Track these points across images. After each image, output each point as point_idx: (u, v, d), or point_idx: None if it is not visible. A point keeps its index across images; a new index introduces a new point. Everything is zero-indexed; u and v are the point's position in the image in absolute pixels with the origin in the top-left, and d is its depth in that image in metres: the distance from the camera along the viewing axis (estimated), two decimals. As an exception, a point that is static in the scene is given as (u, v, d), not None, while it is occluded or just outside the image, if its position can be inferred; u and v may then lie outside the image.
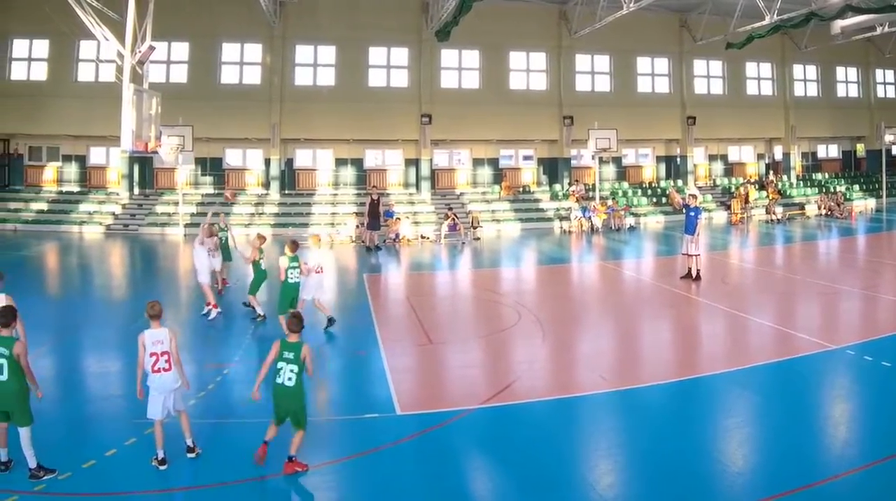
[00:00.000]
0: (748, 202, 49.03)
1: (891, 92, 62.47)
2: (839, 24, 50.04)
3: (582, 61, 52.78)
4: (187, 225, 41.59)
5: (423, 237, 41.49)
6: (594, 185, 48.75)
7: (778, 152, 59.44)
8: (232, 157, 50.44)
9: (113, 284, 29.88)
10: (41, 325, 13.93)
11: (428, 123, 48.63)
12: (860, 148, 61.67)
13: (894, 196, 54.61)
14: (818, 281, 27.53)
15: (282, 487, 10.76)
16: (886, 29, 48.84)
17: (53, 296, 26.04)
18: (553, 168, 53.28)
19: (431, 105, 48.84)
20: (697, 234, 26.53)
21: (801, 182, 57.48)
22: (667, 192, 49.56)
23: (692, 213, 26.90)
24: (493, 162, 53.55)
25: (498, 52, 50.73)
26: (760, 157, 60.42)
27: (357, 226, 40.66)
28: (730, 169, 59.15)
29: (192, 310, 22.18)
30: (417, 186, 50.40)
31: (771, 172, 57.62)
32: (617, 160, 54.80)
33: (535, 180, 53.99)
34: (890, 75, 62.25)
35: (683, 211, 28.21)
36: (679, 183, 53.34)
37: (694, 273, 26.39)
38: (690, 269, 26.55)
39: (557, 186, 51.76)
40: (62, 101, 44.92)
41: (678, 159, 55.49)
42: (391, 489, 10.67)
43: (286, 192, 49.03)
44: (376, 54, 49.45)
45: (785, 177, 56.79)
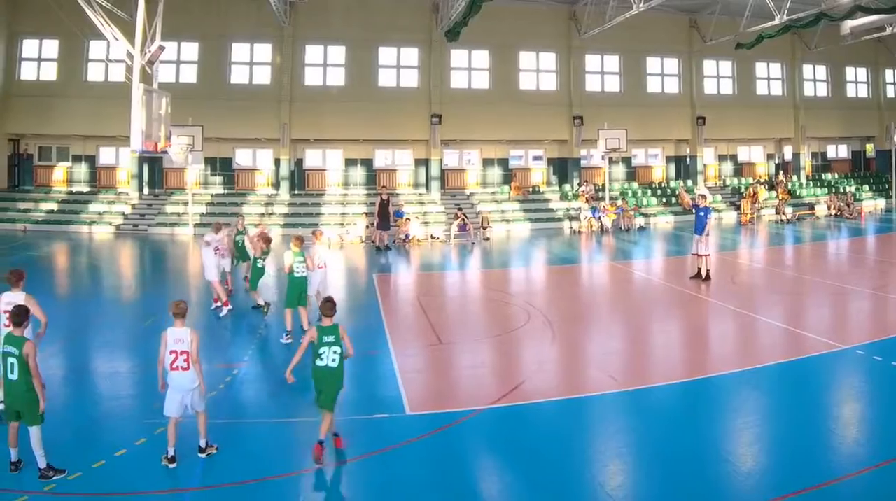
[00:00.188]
0: (756, 202, 48.91)
1: (901, 92, 62.23)
2: (849, 25, 49.92)
3: (592, 61, 52.74)
4: (197, 225, 41.60)
5: (433, 237, 41.42)
6: (604, 185, 48.75)
7: (788, 152, 59.19)
8: (242, 157, 50.51)
9: (123, 284, 29.89)
10: (51, 325, 13.85)
11: (438, 123, 48.65)
12: (870, 148, 61.25)
13: (904, 196, 54.42)
14: (828, 281, 27.46)
15: (290, 487, 10.76)
16: (896, 29, 48.75)
17: (63, 296, 26.06)
18: (563, 168, 53.24)
19: (441, 105, 48.86)
20: (707, 234, 26.48)
21: (811, 182, 57.31)
22: (676, 192, 49.58)
23: (702, 213, 26.83)
24: (503, 162, 53.53)
25: (508, 53, 50.75)
26: (770, 157, 60.29)
27: (367, 227, 40.70)
28: (740, 169, 59.04)
29: (203, 310, 22.16)
30: (427, 186, 50.41)
31: (781, 172, 57.41)
32: (627, 160, 54.78)
33: (545, 180, 53.95)
34: (900, 75, 62.00)
35: (693, 211, 28.15)
36: (689, 183, 53.21)
37: (704, 273, 26.32)
38: (700, 269, 26.48)
39: (567, 186, 51.71)
40: (72, 101, 45.06)
41: (688, 159, 55.37)
42: (401, 489, 10.69)
43: (296, 192, 49.08)
44: (386, 54, 49.50)
45: (795, 178, 56.58)
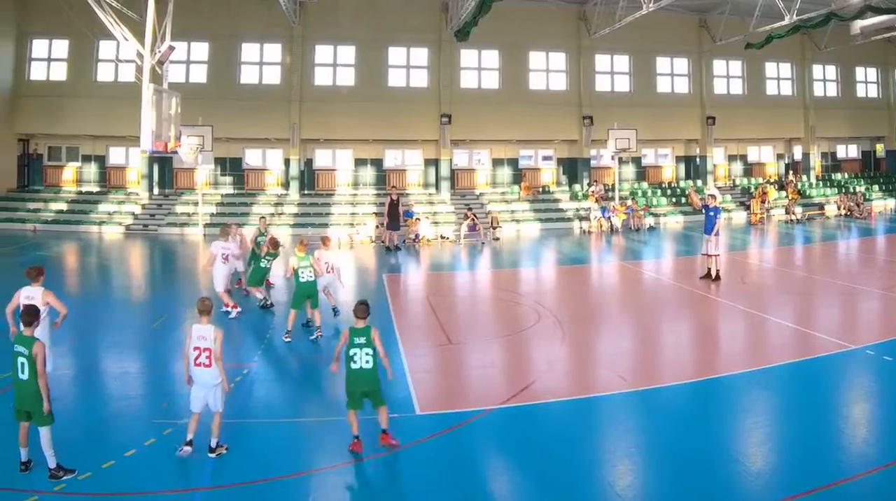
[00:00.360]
0: (766, 202, 48.82)
1: (911, 92, 62.04)
2: (859, 25, 49.89)
3: (601, 61, 52.71)
4: (207, 225, 41.61)
5: (443, 237, 41.37)
6: (613, 185, 48.73)
7: (797, 152, 59.13)
8: (251, 157, 50.58)
9: (132, 285, 29.86)
10: (61, 325, 13.97)
11: (447, 123, 48.63)
12: (880, 148, 61.26)
13: (914, 196, 54.29)
14: (837, 281, 27.41)
15: (300, 488, 10.73)
16: (906, 29, 48.68)
17: (73, 296, 25.98)
18: (572, 168, 53.20)
19: (451, 105, 48.85)
20: (717, 234, 26.43)
21: (821, 182, 57.17)
22: (686, 192, 49.57)
23: (711, 213, 26.80)
24: (513, 162, 53.54)
25: (517, 53, 50.73)
26: (780, 157, 60.20)
27: (377, 227, 40.71)
28: (749, 169, 58.99)
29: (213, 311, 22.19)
30: (437, 186, 50.43)
31: (790, 172, 57.35)
32: (636, 160, 54.76)
33: (555, 180, 53.90)
34: (910, 75, 61.84)
35: (703, 211, 28.10)
36: (699, 183, 53.22)
37: (713, 273, 26.29)
38: (710, 269, 26.47)
39: (577, 186, 51.67)
40: (82, 101, 45.19)
41: (698, 159, 55.34)
42: (411, 489, 10.74)
43: (306, 193, 49.11)
44: (396, 54, 49.52)
45: (804, 178, 56.45)
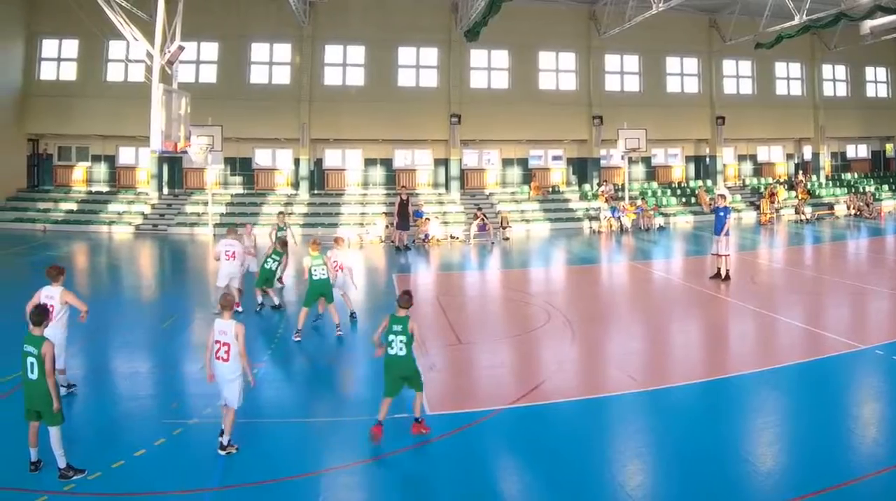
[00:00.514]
0: (773, 202, 48.75)
1: (921, 92, 61.86)
2: (868, 24, 49.76)
3: (611, 61, 52.62)
4: (216, 225, 41.65)
5: (453, 237, 41.36)
6: (623, 185, 48.68)
7: (807, 152, 59.00)
8: (261, 157, 50.64)
9: (142, 285, 29.94)
10: (71, 325, 14.03)
11: (457, 123, 48.61)
12: (889, 148, 61.21)
13: (925, 196, 54.14)
14: (847, 281, 27.37)
15: (310, 487, 10.74)
16: (916, 29, 48.53)
17: (83, 296, 25.94)
18: (582, 168, 53.17)
19: (461, 105, 48.83)
20: (727, 234, 26.42)
21: (830, 182, 57.01)
22: (695, 192, 49.53)
23: (721, 213, 26.83)
24: (523, 162, 53.50)
25: (527, 52, 50.69)
26: (790, 157, 60.00)
27: (386, 226, 40.76)
28: (759, 169, 58.87)
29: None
30: (447, 186, 50.41)
31: (800, 172, 57.19)
32: (646, 160, 54.70)
33: (565, 180, 53.85)
34: (920, 75, 61.64)
35: (713, 211, 28.07)
36: (708, 183, 53.22)
37: (723, 273, 26.33)
38: (720, 269, 26.49)
39: (587, 186, 51.63)
40: (91, 101, 45.28)
41: (707, 159, 55.26)
42: (420, 488, 10.77)
43: (315, 192, 49.15)
44: (405, 54, 49.51)
45: (814, 177, 56.34)
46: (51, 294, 13.58)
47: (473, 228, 40.66)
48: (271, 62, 48.28)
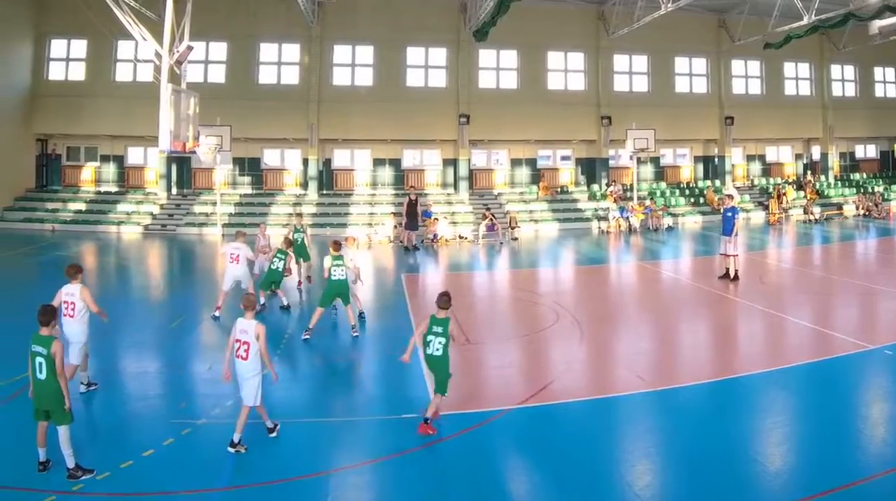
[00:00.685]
0: (782, 202, 48.66)
1: (930, 92, 61.67)
2: (877, 25, 49.59)
3: (620, 61, 52.58)
4: (225, 225, 41.69)
5: (461, 237, 41.31)
6: (632, 185, 48.66)
7: (816, 152, 58.73)
8: (270, 157, 50.60)
9: (151, 285, 29.96)
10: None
11: (466, 123, 48.56)
12: (898, 148, 61.17)
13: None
14: (856, 281, 27.35)
15: (319, 488, 10.74)
16: (925, 29, 48.41)
17: (92, 296, 26.16)
18: (591, 168, 53.10)
19: (469, 105, 48.79)
20: (735, 234, 26.40)
21: (839, 182, 56.88)
22: (704, 193, 49.56)
23: (729, 214, 26.87)
24: (531, 162, 53.43)
25: (536, 53, 50.65)
26: (798, 157, 59.82)
27: (395, 227, 40.75)
28: (768, 169, 58.71)
29: (231, 311, 22.14)
30: (455, 186, 50.38)
31: (809, 172, 57.08)
32: (655, 160, 54.62)
33: (573, 180, 53.77)
34: (929, 76, 61.47)
35: (721, 212, 28.08)
36: (717, 183, 53.14)
37: (732, 273, 26.34)
38: (728, 269, 26.48)
39: (595, 186, 51.55)
40: (100, 101, 45.30)
41: (716, 159, 55.10)
42: (429, 489, 10.72)
43: (324, 192, 49.13)
44: (414, 54, 49.50)
45: (823, 178, 56.27)
46: (71, 291, 14.03)
47: (482, 228, 40.60)
48: (280, 62, 48.27)
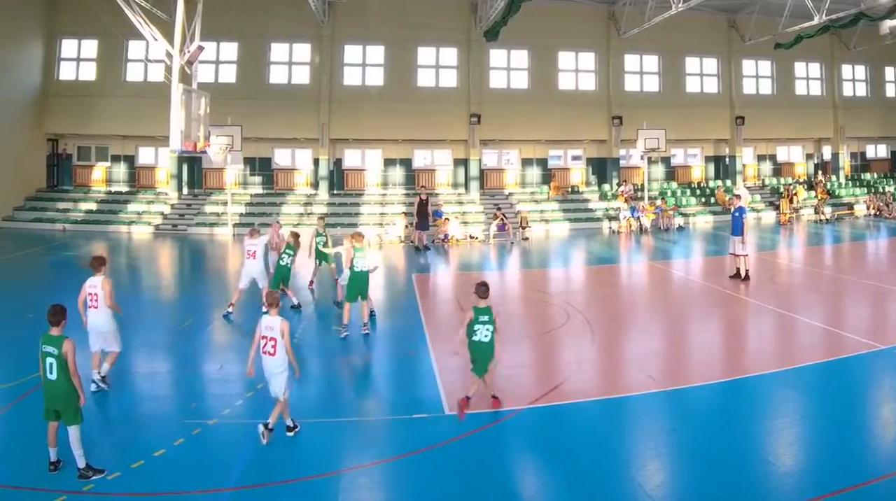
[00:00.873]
0: (792, 202, 48.57)
1: (941, 92, 61.47)
2: (888, 24, 49.33)
3: (631, 61, 52.55)
4: (236, 225, 41.78)
5: (472, 237, 41.28)
6: (643, 185, 48.61)
7: (827, 152, 58.62)
8: (281, 157, 50.66)
9: (162, 284, 30.03)
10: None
11: (477, 123, 48.56)
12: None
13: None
14: (867, 280, 27.23)
15: (329, 487, 10.72)
16: (936, 29, 48.25)
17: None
18: (602, 168, 53.07)
19: (480, 105, 48.79)
20: (744, 234, 26.37)
21: (850, 182, 56.80)
22: (714, 192, 49.53)
23: (737, 214, 26.88)
24: (542, 162, 53.39)
25: (547, 52, 50.62)
26: (809, 157, 59.69)
27: (406, 226, 40.75)
28: (779, 169, 58.60)
29: (246, 310, 22.11)
30: (466, 186, 50.39)
31: (819, 172, 56.95)
32: (666, 160, 54.59)
33: (584, 180, 53.72)
34: (940, 75, 61.26)
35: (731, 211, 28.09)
36: (728, 183, 53.08)
37: (742, 273, 26.30)
38: (739, 269, 26.45)
39: (606, 186, 51.54)
40: (111, 101, 45.46)
41: (727, 159, 55.04)
42: (440, 489, 10.71)
43: (335, 192, 49.20)
44: (425, 54, 49.53)
45: (833, 177, 56.19)
46: (94, 283, 14.39)
47: (493, 228, 40.61)
48: (291, 62, 48.35)
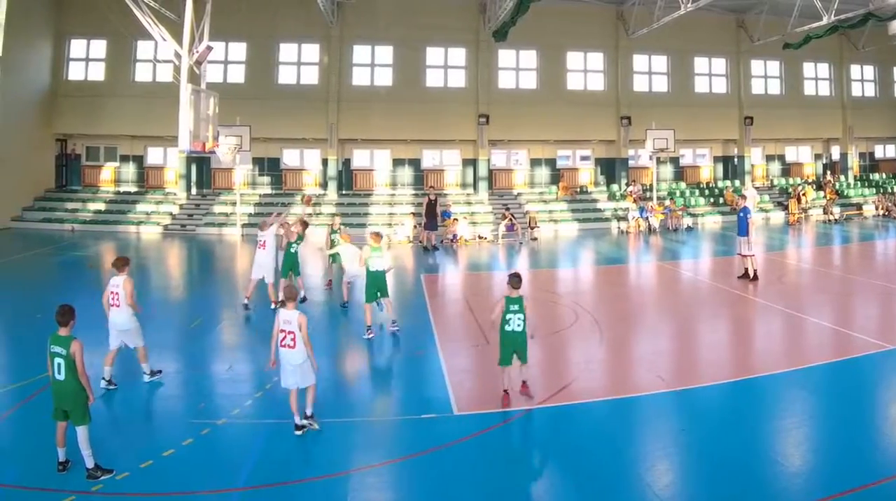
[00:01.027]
0: (801, 202, 48.50)
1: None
2: (896, 25, 49.52)
3: (639, 61, 52.52)
4: (245, 225, 41.83)
5: (481, 237, 41.31)
6: (651, 186, 48.45)
7: (835, 152, 58.63)
8: (289, 157, 50.68)
9: (171, 285, 30.02)
10: (102, 325, 14.13)
11: (485, 124, 48.57)
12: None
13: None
14: (875, 281, 27.20)
15: (338, 488, 10.73)
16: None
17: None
18: (610, 168, 53.06)
19: (489, 105, 48.79)
20: (750, 234, 26.36)
21: (859, 182, 56.68)
22: (723, 193, 49.48)
23: (742, 214, 26.94)
24: (551, 162, 53.34)
25: (555, 53, 50.60)
26: (818, 158, 59.59)
27: (414, 227, 40.72)
28: (787, 169, 58.45)
29: (255, 308, 22.12)
30: (475, 186, 50.34)
31: (828, 172, 56.94)
32: (674, 160, 54.45)
33: (593, 180, 53.69)
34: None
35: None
36: (736, 183, 53.01)
37: (751, 273, 26.29)
38: (747, 269, 26.43)
39: (615, 186, 51.49)
40: (120, 101, 45.51)
41: (735, 159, 54.97)
42: (448, 489, 10.71)
43: (344, 192, 49.23)
44: (434, 54, 49.53)
45: (842, 178, 56.10)
46: (117, 282, 14.93)
47: (501, 228, 40.61)
48: (299, 62, 48.38)
